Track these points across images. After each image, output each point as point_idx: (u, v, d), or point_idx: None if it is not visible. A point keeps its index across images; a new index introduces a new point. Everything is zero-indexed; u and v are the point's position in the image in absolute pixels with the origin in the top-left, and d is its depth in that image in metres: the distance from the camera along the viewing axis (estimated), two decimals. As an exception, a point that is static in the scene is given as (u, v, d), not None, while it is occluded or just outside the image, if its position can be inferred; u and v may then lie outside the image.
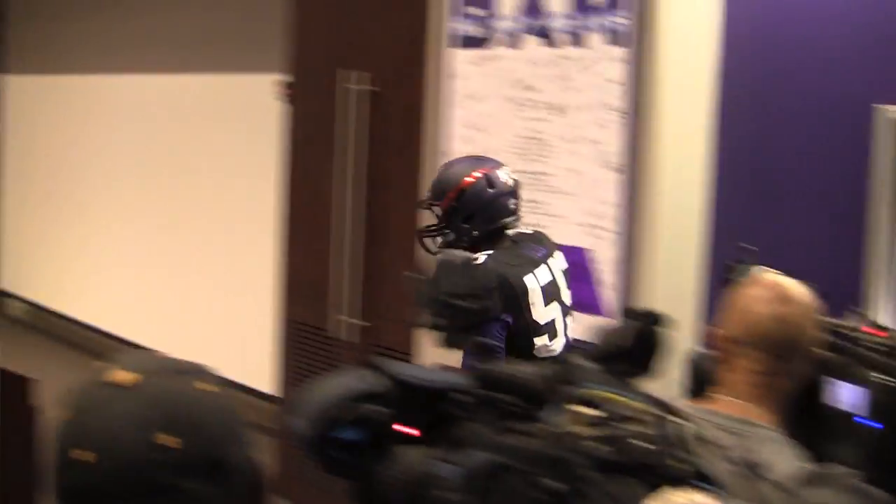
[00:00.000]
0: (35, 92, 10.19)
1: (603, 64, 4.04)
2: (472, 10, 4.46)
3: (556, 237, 3.69)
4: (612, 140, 4.01)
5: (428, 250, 3.49)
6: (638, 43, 3.86)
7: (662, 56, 3.80)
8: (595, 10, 4.03)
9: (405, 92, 4.84)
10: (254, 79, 6.83)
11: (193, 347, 7.50)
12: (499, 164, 3.50)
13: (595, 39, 4.05)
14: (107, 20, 8.77)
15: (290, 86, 5.49)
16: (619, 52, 3.96)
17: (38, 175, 10.13)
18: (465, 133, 4.49)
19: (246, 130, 6.99)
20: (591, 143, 4.08)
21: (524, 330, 3.26)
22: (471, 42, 4.48)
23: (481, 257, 3.25)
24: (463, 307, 3.01)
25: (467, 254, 3.27)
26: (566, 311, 3.43)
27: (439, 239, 3.44)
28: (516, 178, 3.51)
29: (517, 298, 3.23)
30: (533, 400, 1.46)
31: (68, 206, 9.44)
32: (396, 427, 1.63)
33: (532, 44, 4.28)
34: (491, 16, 4.39)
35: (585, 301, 4.08)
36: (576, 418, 1.42)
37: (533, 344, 3.28)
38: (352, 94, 5.05)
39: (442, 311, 3.06)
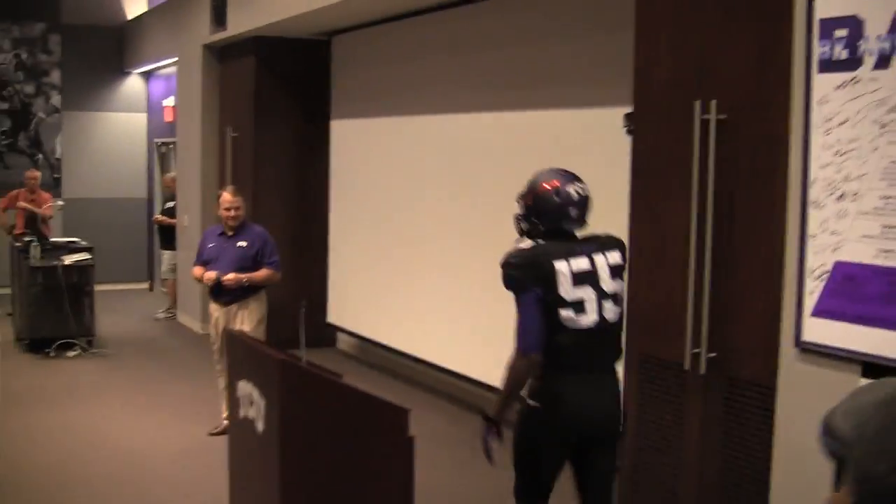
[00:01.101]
0: (356, 135, 10.60)
1: None
2: (837, 31, 4.31)
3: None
4: None
5: (519, 232, 4.44)
6: None
7: None
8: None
9: (760, 119, 4.72)
10: (599, 113, 6.85)
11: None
12: (573, 181, 4.38)
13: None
14: (436, 63, 9.02)
15: (635, 117, 5.47)
16: None
17: (359, 215, 10.51)
18: (831, 160, 4.34)
19: (594, 165, 7.00)
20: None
21: (552, 301, 4.15)
22: (835, 65, 4.33)
23: (530, 243, 4.33)
24: None
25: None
26: (605, 296, 4.25)
27: (524, 224, 4.41)
28: (586, 194, 4.38)
29: (547, 276, 4.15)
30: None
31: (387, 242, 9.73)
32: None
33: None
34: (858, 36, 4.24)
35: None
36: None
37: (559, 314, 4.16)
38: (701, 123, 4.97)
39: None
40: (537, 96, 7.61)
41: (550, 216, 4.31)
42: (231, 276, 7.40)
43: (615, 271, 4.32)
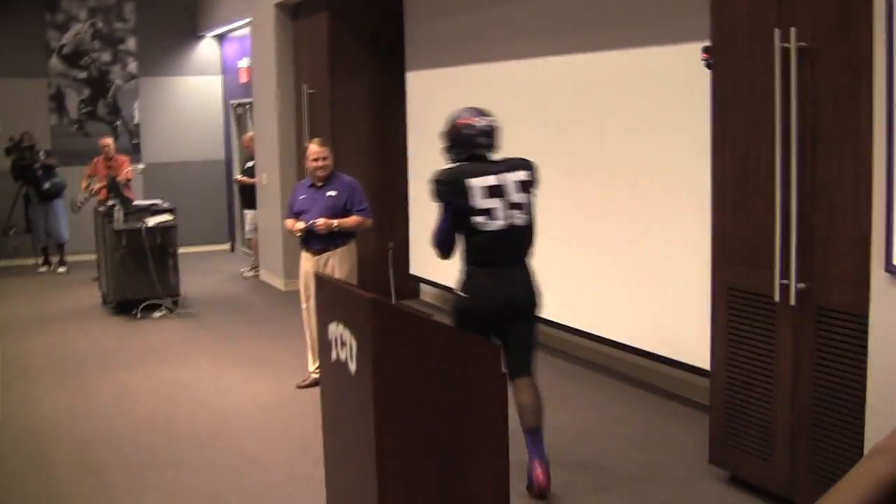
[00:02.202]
0: (433, 85, 10.59)
1: None
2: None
3: None
4: None
5: (447, 160, 5.58)
6: None
7: None
8: None
9: (842, 44, 4.64)
10: (677, 49, 6.80)
11: (624, 322, 7.59)
12: (481, 114, 5.52)
13: None
14: (511, 7, 8.97)
15: (714, 50, 5.41)
16: None
17: (438, 165, 10.48)
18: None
19: (674, 102, 6.97)
20: None
21: (466, 210, 5.32)
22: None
23: (452, 165, 5.48)
24: None
25: None
26: (512, 205, 5.39)
27: (449, 153, 5.58)
28: (493, 125, 5.51)
29: (463, 190, 5.32)
30: None
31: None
32: None
33: None
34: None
35: None
36: None
37: (471, 220, 5.33)
38: (781, 52, 4.90)
39: None
40: (615, 36, 7.54)
41: (466, 145, 5.49)
42: (322, 220, 7.51)
43: (522, 186, 5.44)
